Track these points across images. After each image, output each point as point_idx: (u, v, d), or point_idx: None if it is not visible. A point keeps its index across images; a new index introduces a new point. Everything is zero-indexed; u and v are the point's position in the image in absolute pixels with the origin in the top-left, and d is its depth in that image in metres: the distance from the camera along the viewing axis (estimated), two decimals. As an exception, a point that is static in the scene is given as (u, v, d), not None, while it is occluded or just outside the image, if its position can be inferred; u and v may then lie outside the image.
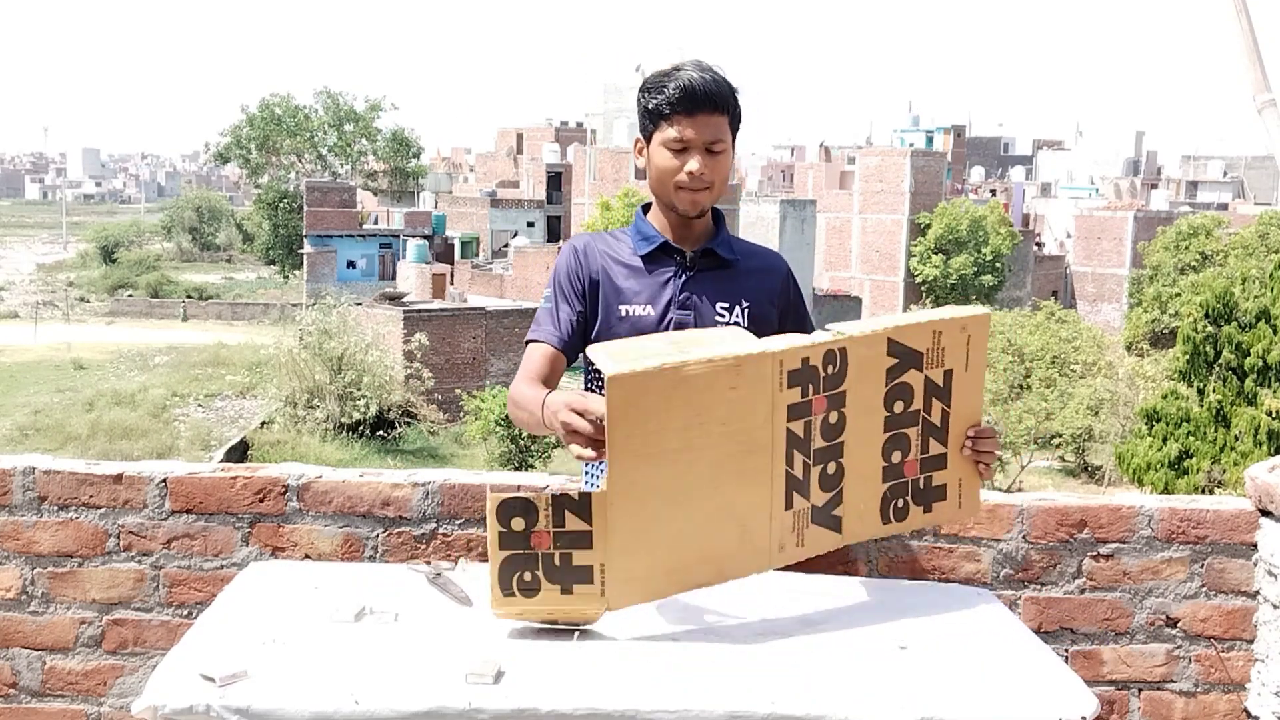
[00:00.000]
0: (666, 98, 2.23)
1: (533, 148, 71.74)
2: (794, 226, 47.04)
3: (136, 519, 2.72)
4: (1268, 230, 45.14)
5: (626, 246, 2.38)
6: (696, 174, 2.25)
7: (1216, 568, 2.80)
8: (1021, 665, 1.91)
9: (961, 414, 2.15)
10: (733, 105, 2.26)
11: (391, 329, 33.27)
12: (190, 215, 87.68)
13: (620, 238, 2.40)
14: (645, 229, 2.37)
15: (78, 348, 42.22)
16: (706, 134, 2.23)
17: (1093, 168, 79.16)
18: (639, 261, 2.34)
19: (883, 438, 2.11)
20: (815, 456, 2.06)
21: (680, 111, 2.22)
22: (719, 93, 2.23)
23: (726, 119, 2.26)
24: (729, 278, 2.35)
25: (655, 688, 1.76)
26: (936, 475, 2.17)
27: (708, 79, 2.23)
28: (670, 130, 2.24)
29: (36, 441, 27.05)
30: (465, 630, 1.96)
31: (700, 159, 2.24)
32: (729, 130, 2.27)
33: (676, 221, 2.36)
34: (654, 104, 2.26)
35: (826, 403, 2.05)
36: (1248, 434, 15.71)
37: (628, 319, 2.31)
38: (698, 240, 2.37)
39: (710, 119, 2.23)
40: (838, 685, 1.80)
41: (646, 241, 2.35)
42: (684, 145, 2.24)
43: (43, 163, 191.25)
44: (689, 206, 2.29)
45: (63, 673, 2.75)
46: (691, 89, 2.21)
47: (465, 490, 2.73)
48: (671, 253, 2.35)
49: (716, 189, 2.30)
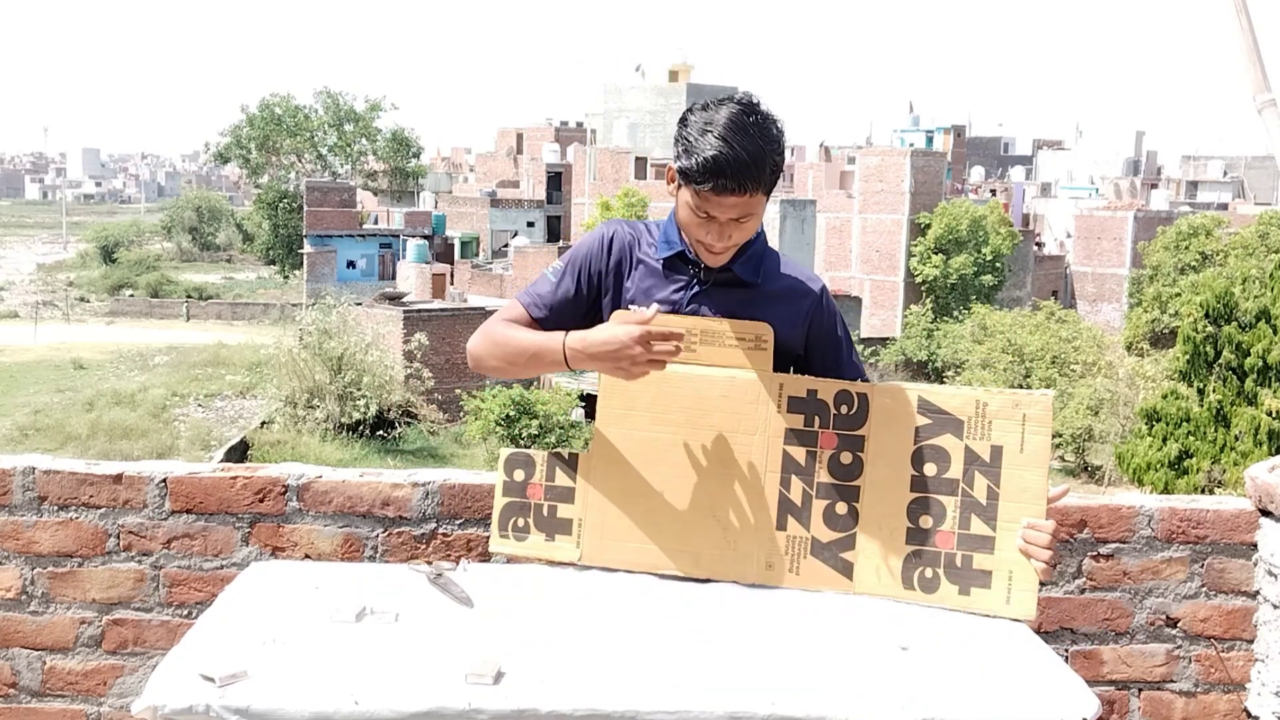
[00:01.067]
0: (695, 168, 2.08)
1: (533, 148, 71.72)
2: (794, 226, 47.01)
3: (136, 519, 2.72)
4: (1268, 230, 45.11)
5: (654, 244, 2.32)
6: (714, 248, 2.19)
7: (1216, 568, 2.80)
8: (1022, 666, 1.91)
9: (1015, 498, 2.06)
10: (767, 178, 2.10)
11: (391, 329, 33.26)
12: (190, 215, 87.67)
13: (653, 232, 2.35)
14: (671, 234, 2.30)
15: (78, 348, 42.22)
16: (731, 212, 2.12)
17: (1093, 168, 79.13)
18: (660, 262, 2.30)
19: (909, 496, 2.08)
20: (820, 490, 2.08)
21: (707, 189, 2.09)
22: (750, 174, 2.07)
23: (761, 190, 2.11)
24: (747, 299, 2.25)
25: (655, 688, 1.76)
26: (979, 557, 2.08)
27: (742, 157, 2.05)
28: (698, 199, 2.12)
29: (36, 441, 27.05)
30: (466, 631, 1.96)
31: (721, 230, 2.15)
32: (762, 200, 2.14)
33: None
34: (685, 166, 2.11)
35: (838, 441, 2.08)
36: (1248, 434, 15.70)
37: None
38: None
39: (742, 198, 2.09)
40: (838, 686, 1.80)
41: (667, 246, 2.30)
42: (708, 216, 2.14)
43: (43, 163, 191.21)
44: (706, 260, 2.23)
45: (63, 673, 2.75)
46: (720, 170, 2.05)
47: (465, 490, 2.73)
48: (688, 262, 2.28)
49: (738, 245, 2.22)
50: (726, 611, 2.09)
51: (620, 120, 65.63)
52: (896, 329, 48.20)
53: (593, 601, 2.10)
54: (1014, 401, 2.06)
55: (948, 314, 46.66)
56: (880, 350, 43.46)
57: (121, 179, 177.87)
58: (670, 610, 2.07)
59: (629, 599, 2.11)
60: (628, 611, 2.06)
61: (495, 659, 1.82)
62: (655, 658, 1.88)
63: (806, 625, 2.04)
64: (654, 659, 1.87)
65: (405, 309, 34.33)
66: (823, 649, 1.94)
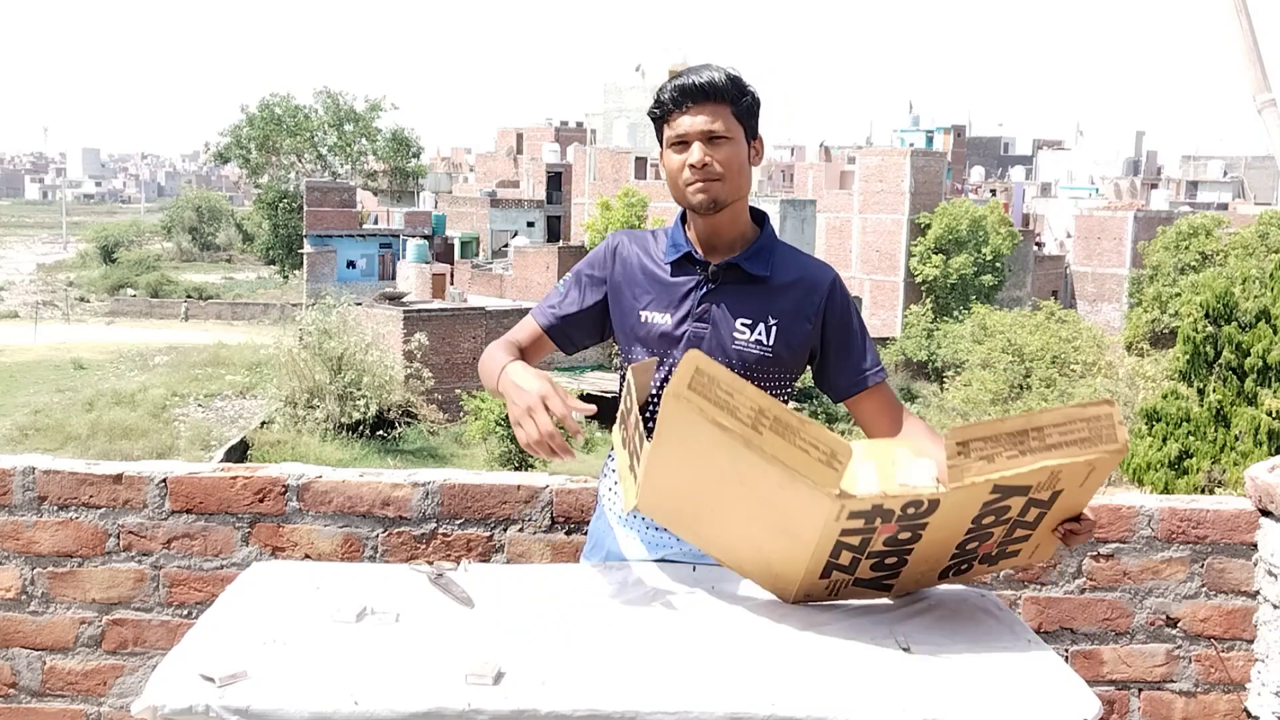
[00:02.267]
0: (662, 100, 2.22)
1: (533, 147, 71.73)
2: (794, 226, 47.02)
3: (136, 519, 2.72)
4: (1268, 230, 45.11)
5: (661, 250, 2.33)
6: (697, 164, 2.18)
7: (1216, 568, 2.80)
8: (1022, 666, 1.91)
9: (1059, 513, 2.03)
10: (734, 94, 2.20)
11: (391, 329, 33.27)
12: (190, 215, 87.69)
13: (660, 239, 2.36)
14: (677, 236, 2.31)
15: (78, 348, 42.22)
16: (704, 124, 2.18)
17: (1093, 168, 79.12)
18: (668, 268, 2.30)
19: (963, 538, 2.03)
20: (871, 555, 2.01)
21: (676, 107, 2.20)
22: (714, 82, 2.18)
23: (728, 108, 2.19)
24: (756, 294, 2.25)
25: (655, 688, 1.76)
26: (1012, 547, 2.08)
27: (704, 72, 2.20)
28: (670, 130, 2.22)
29: (36, 441, 27.05)
30: (466, 631, 1.96)
31: (700, 149, 2.18)
32: (734, 119, 2.20)
33: (706, 229, 2.27)
34: (653, 110, 2.24)
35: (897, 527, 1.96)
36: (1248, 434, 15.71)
37: (647, 324, 2.28)
38: (729, 250, 2.28)
39: (706, 107, 2.18)
40: (839, 686, 1.79)
41: (674, 249, 2.30)
42: (683, 139, 2.20)
43: (43, 163, 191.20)
44: (700, 202, 2.21)
45: (63, 673, 2.75)
46: (682, 84, 2.19)
47: (465, 490, 2.73)
48: (695, 263, 2.28)
49: (731, 181, 2.21)
50: (726, 612, 2.09)
51: (620, 120, 65.64)
52: (896, 329, 48.20)
53: (593, 601, 2.10)
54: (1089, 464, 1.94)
55: (948, 314, 46.66)
56: (880, 350, 43.41)
57: (121, 179, 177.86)
58: (670, 610, 2.07)
59: (629, 599, 2.11)
60: (628, 611, 2.06)
61: (495, 659, 1.82)
62: (655, 658, 1.88)
63: (808, 624, 2.04)
64: (654, 659, 1.87)
65: (405, 309, 34.35)
66: (823, 649, 1.94)
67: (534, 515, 2.76)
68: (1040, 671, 1.89)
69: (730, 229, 2.27)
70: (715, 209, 2.22)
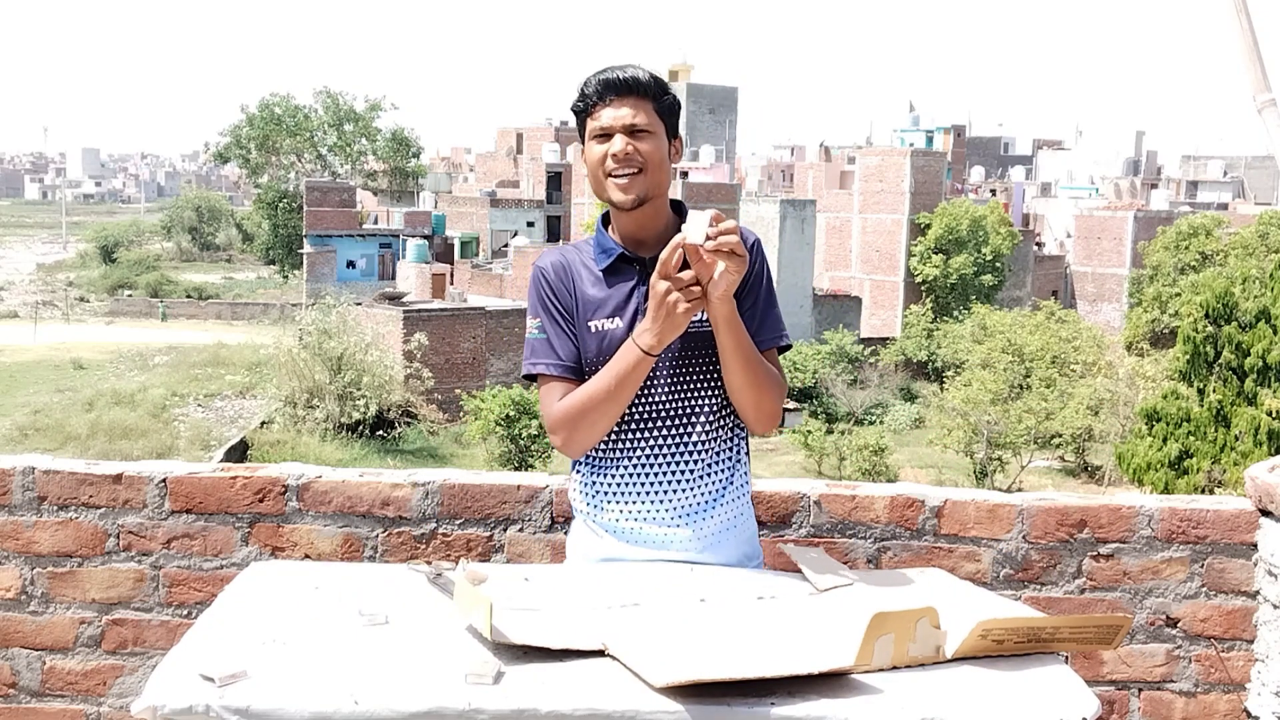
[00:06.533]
0: (586, 92, 2.26)
1: (533, 147, 71.66)
2: (794, 226, 47.02)
3: (136, 519, 2.72)
4: (1268, 230, 45.13)
5: (590, 258, 2.33)
6: (619, 155, 2.21)
7: (1216, 568, 2.80)
8: (1022, 666, 1.91)
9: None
10: (656, 91, 2.25)
11: (391, 329, 33.27)
12: (190, 215, 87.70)
13: (583, 249, 2.36)
14: (604, 241, 2.33)
15: (77, 348, 42.22)
16: (627, 117, 2.22)
17: (1093, 168, 79.10)
18: (602, 275, 2.30)
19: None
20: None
21: (598, 101, 2.24)
22: (638, 78, 2.23)
23: (650, 103, 2.24)
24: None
25: (654, 687, 1.76)
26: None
27: (626, 69, 2.25)
28: (593, 122, 2.25)
29: (36, 441, 27.04)
30: (466, 631, 1.96)
31: (623, 140, 2.22)
32: (655, 115, 2.24)
33: (632, 226, 2.30)
34: (577, 103, 2.28)
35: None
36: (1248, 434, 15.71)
37: (597, 333, 2.27)
38: (658, 243, 2.27)
39: (628, 101, 2.22)
40: (839, 686, 1.79)
41: (605, 254, 2.31)
42: (605, 132, 2.23)
43: (43, 163, 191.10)
44: (620, 194, 2.23)
45: (62, 673, 2.75)
46: (606, 78, 2.23)
47: (465, 490, 2.73)
48: (631, 261, 2.30)
49: (650, 174, 2.23)
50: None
51: (620, 120, 65.45)
52: (896, 329, 48.19)
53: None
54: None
55: (948, 314, 46.66)
56: (880, 350, 43.43)
57: (121, 179, 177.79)
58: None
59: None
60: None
61: (495, 659, 1.82)
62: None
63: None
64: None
65: (405, 309, 34.34)
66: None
67: (534, 515, 2.76)
68: (1040, 671, 1.89)
69: (655, 223, 2.31)
70: (637, 203, 2.25)
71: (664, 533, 2.28)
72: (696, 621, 2.03)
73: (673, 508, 2.29)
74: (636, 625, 1.97)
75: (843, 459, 29.30)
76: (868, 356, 40.94)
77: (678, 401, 2.29)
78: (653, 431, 2.29)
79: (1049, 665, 1.92)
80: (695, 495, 2.29)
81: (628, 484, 2.30)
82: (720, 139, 70.06)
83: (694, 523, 2.29)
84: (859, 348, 41.01)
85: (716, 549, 2.31)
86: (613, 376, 2.19)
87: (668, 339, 2.15)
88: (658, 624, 1.99)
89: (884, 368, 41.29)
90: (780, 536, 2.74)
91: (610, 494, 2.31)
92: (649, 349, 2.16)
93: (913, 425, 36.71)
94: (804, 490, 2.77)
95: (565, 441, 2.26)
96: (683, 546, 2.28)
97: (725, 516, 2.32)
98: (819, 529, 2.76)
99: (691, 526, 2.29)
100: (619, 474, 2.30)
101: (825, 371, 38.43)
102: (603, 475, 2.31)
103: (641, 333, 2.16)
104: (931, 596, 2.18)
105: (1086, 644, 2.05)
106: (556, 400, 2.26)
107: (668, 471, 2.29)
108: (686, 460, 2.29)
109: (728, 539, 2.33)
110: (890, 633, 1.86)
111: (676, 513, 2.29)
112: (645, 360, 2.17)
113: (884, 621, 1.85)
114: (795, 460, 30.87)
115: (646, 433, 2.29)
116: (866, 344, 42.80)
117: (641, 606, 2.07)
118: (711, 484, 2.31)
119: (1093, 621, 2.03)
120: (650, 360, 2.17)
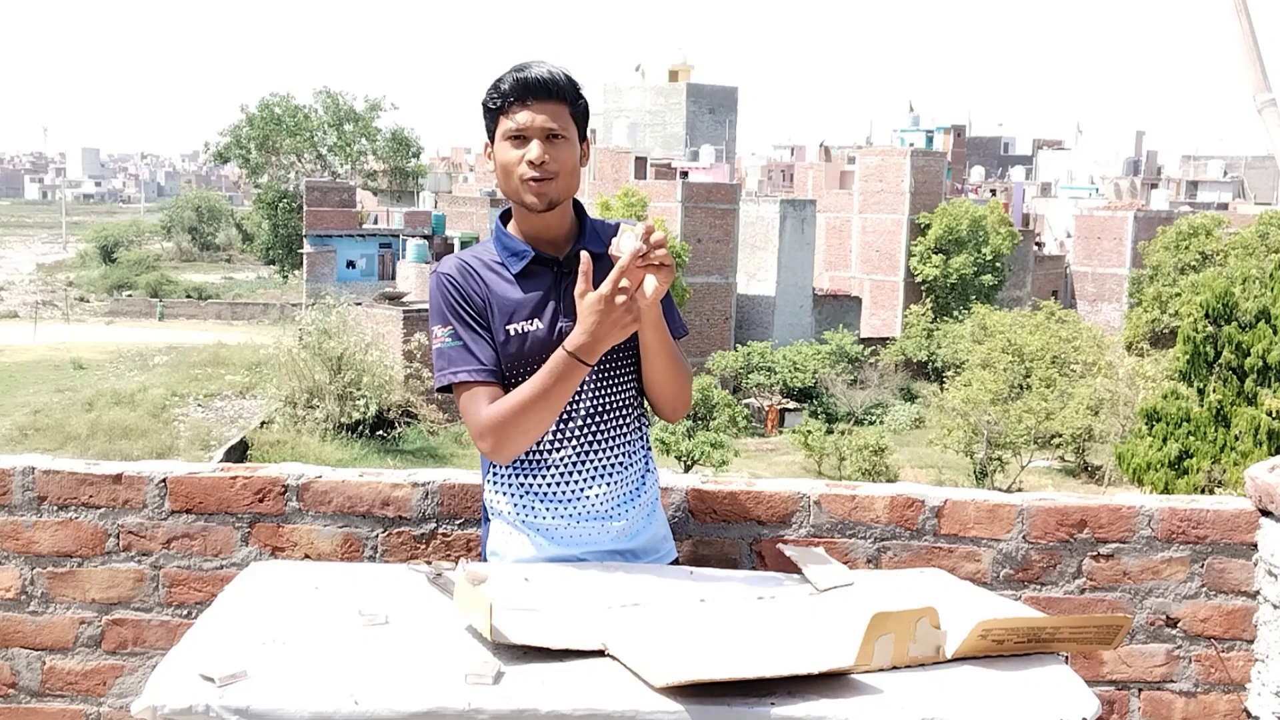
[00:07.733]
0: (502, 90, 2.22)
1: (533, 148, 71.52)
2: (794, 226, 47.02)
3: (136, 519, 2.72)
4: (1268, 230, 45.14)
5: (495, 260, 2.31)
6: (536, 161, 2.20)
7: (1216, 568, 2.80)
8: (1022, 666, 1.91)
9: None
10: (571, 95, 2.24)
11: (391, 329, 33.28)
12: (190, 215, 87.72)
13: (484, 251, 2.33)
14: (511, 244, 2.31)
15: (77, 348, 42.23)
16: (543, 121, 2.20)
17: (1093, 168, 79.11)
18: (514, 278, 2.28)
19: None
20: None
21: (515, 101, 2.21)
22: (554, 81, 2.21)
23: (565, 108, 2.23)
24: (603, 272, 2.17)
25: (654, 687, 1.76)
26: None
27: (543, 71, 2.22)
28: (508, 122, 2.22)
29: (36, 441, 27.05)
30: (465, 631, 1.96)
31: (540, 146, 2.20)
32: (570, 120, 2.24)
33: (538, 226, 2.29)
34: (491, 99, 2.24)
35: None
36: (1248, 434, 15.72)
37: (518, 336, 2.25)
38: (567, 241, 2.30)
39: (546, 106, 2.21)
40: (839, 685, 1.79)
41: (517, 258, 2.29)
42: (521, 134, 2.21)
43: (42, 163, 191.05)
44: (535, 199, 2.23)
45: (62, 673, 2.75)
46: (525, 79, 2.21)
47: (465, 490, 2.72)
48: (544, 262, 2.29)
49: (564, 179, 2.24)
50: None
51: (620, 120, 65.57)
52: (896, 329, 48.21)
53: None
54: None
55: (948, 314, 46.68)
56: (880, 350, 43.44)
57: (121, 179, 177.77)
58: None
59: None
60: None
61: (495, 659, 1.82)
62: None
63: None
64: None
65: (405, 309, 34.34)
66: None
67: (534, 515, 2.76)
68: (1040, 671, 1.89)
69: (560, 224, 2.31)
70: (549, 208, 2.25)
71: (597, 528, 2.30)
72: (696, 621, 2.03)
73: (603, 503, 2.30)
74: (636, 625, 1.98)
75: (843, 459, 29.32)
76: (868, 356, 40.96)
77: (600, 399, 2.31)
78: (580, 430, 2.30)
79: (1049, 665, 1.92)
80: (622, 488, 2.33)
81: (557, 485, 2.30)
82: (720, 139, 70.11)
83: (625, 514, 2.32)
84: (859, 348, 41.04)
85: (641, 534, 2.36)
86: (546, 383, 2.17)
87: (606, 348, 2.15)
88: (658, 624, 2.00)
89: (884, 368, 41.30)
90: (780, 536, 2.74)
91: (539, 495, 2.30)
92: (587, 359, 2.14)
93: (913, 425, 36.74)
94: (804, 490, 2.77)
95: (495, 447, 2.22)
96: (614, 540, 2.31)
97: (647, 502, 2.38)
98: (819, 529, 2.76)
99: (623, 519, 2.32)
100: (548, 475, 2.30)
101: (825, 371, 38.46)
102: (531, 477, 2.30)
103: (579, 344, 2.13)
104: (931, 596, 2.18)
105: (1086, 644, 2.07)
106: (484, 406, 2.22)
107: (596, 467, 2.31)
108: (612, 455, 2.32)
109: (651, 524, 2.39)
110: (890, 633, 1.87)
111: (608, 507, 2.31)
112: (580, 368, 2.15)
113: (884, 621, 1.86)
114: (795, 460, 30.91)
115: (575, 432, 2.30)
116: (866, 344, 42.82)
117: (641, 607, 2.08)
118: (633, 474, 2.35)
119: (1093, 621, 2.04)
120: (585, 369, 2.16)
